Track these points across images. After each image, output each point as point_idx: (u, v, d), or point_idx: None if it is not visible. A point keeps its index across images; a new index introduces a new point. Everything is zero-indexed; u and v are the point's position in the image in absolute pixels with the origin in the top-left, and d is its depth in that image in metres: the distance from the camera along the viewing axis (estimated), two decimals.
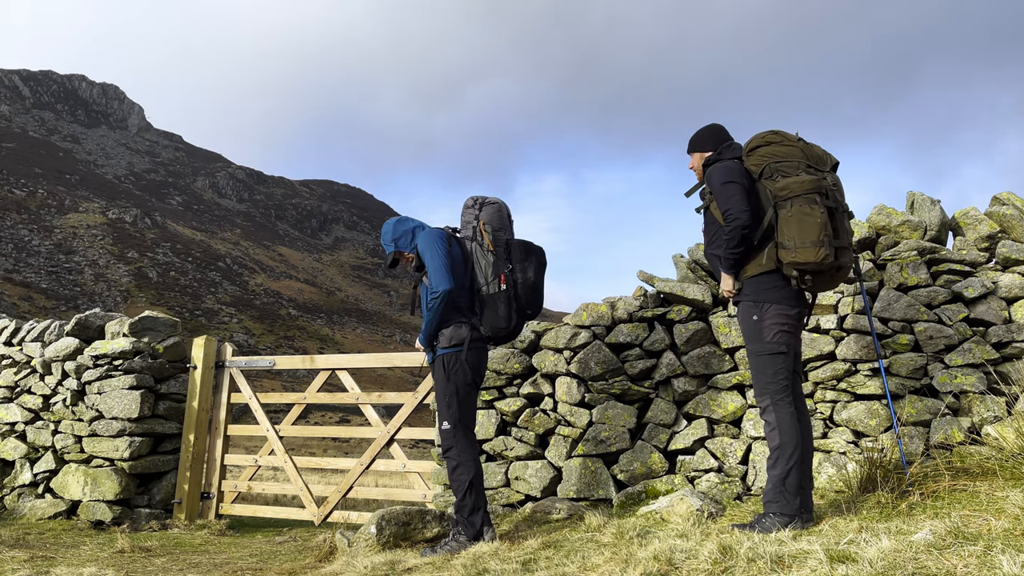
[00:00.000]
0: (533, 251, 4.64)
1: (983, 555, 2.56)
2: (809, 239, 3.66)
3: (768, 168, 3.84)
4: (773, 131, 3.97)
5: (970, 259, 5.10)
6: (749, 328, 3.91)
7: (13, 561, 4.67)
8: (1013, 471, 3.78)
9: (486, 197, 4.76)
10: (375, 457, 6.12)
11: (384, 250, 4.79)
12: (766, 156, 3.88)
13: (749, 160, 3.95)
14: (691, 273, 5.62)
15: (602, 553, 3.50)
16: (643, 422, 5.44)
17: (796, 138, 3.92)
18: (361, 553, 4.37)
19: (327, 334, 75.83)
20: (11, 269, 64.89)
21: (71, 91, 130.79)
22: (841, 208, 3.83)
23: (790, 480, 3.66)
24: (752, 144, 3.98)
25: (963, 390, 4.68)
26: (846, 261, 3.82)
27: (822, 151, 3.93)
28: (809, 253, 3.66)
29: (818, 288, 3.97)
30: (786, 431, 3.74)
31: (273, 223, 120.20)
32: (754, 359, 3.91)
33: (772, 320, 3.82)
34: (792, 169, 3.80)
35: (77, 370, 6.92)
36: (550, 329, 5.74)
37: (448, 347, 4.47)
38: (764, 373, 3.85)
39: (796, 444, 3.70)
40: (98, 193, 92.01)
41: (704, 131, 4.24)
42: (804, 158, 3.83)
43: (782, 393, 3.79)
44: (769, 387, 3.82)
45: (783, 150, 3.86)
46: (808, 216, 3.68)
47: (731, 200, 3.81)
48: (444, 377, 4.46)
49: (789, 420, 3.75)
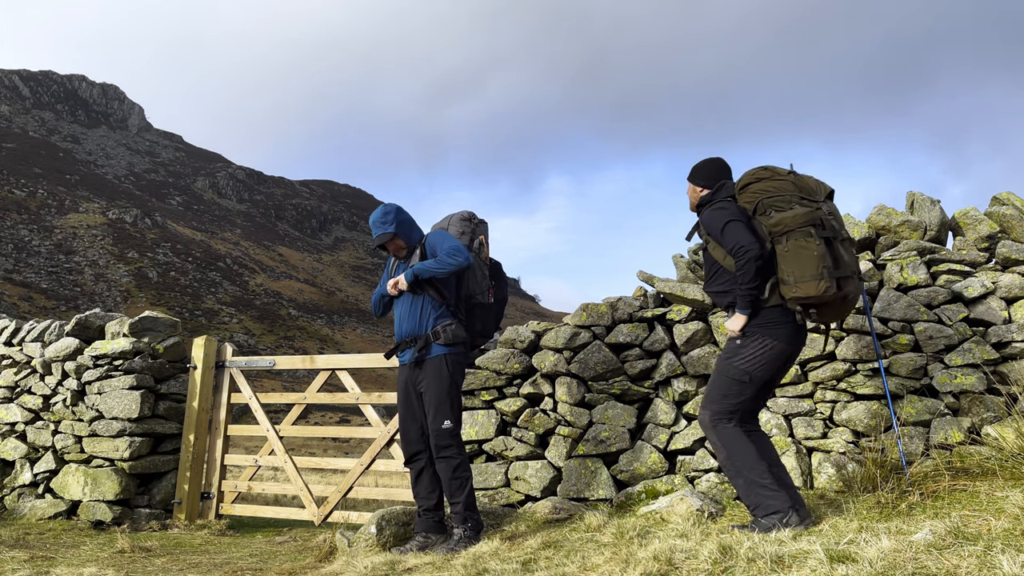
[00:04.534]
0: (504, 275, 5.12)
1: (983, 555, 2.56)
2: (808, 273, 3.61)
3: (761, 204, 3.82)
4: (763, 167, 3.96)
5: (970, 259, 5.10)
6: (728, 346, 3.91)
7: (13, 561, 4.67)
8: (1013, 471, 3.78)
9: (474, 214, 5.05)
10: (375, 457, 6.12)
11: (374, 231, 4.68)
12: (758, 192, 3.86)
13: (741, 198, 3.94)
14: (691, 273, 5.62)
15: (602, 553, 3.50)
16: (643, 422, 5.45)
17: (787, 172, 3.89)
18: (361, 553, 4.38)
19: (327, 334, 75.80)
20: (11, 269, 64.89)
21: (71, 91, 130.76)
22: (840, 237, 3.76)
23: (755, 484, 3.65)
24: (743, 182, 3.97)
25: (963, 390, 4.69)
26: (851, 290, 3.74)
27: (815, 182, 3.89)
28: (810, 287, 3.61)
29: (827, 319, 3.93)
30: (730, 444, 3.74)
31: (273, 223, 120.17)
32: (716, 372, 3.92)
33: (754, 350, 3.78)
34: (785, 203, 3.77)
35: (77, 370, 6.92)
36: (550, 329, 5.74)
37: (449, 345, 4.49)
38: (718, 389, 3.86)
39: (743, 451, 3.69)
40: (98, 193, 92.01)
41: (706, 165, 4.21)
42: (796, 191, 3.80)
43: (724, 414, 3.80)
44: (714, 404, 3.83)
45: (774, 185, 3.84)
46: (804, 249, 3.64)
47: (738, 235, 3.76)
48: (447, 375, 4.47)
49: (727, 434, 3.75)
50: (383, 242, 4.66)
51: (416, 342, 4.51)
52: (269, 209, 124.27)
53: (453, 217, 4.97)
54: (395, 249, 4.72)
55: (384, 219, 4.65)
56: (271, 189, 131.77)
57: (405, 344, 4.57)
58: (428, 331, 4.51)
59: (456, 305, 4.63)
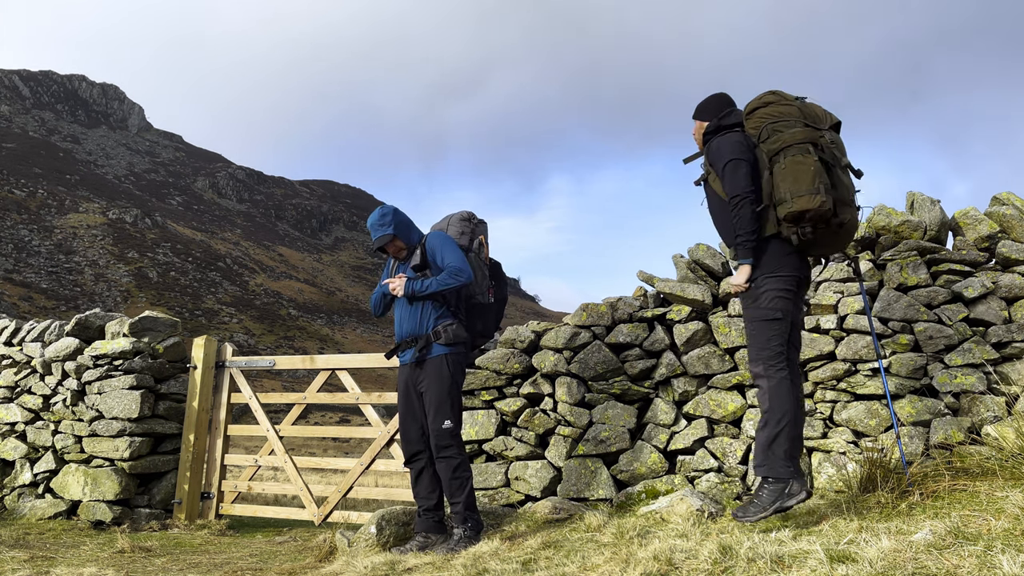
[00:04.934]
0: (504, 275, 5.11)
1: (983, 555, 2.56)
2: (804, 187, 3.54)
3: (765, 129, 3.77)
4: (771, 91, 3.89)
5: (970, 259, 5.10)
6: (746, 296, 3.81)
7: (13, 561, 4.67)
8: (1013, 471, 3.78)
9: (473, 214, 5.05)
10: (375, 457, 6.12)
11: (373, 234, 4.66)
12: (764, 117, 3.81)
13: (748, 123, 3.88)
14: (691, 273, 5.62)
15: (602, 553, 3.50)
16: (643, 422, 5.45)
17: (794, 98, 3.83)
18: (361, 553, 4.38)
19: (327, 334, 75.80)
20: (11, 269, 64.89)
21: (71, 91, 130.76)
22: (840, 164, 3.69)
23: (778, 443, 3.58)
24: (750, 107, 3.91)
25: (963, 390, 4.69)
26: (848, 217, 3.65)
27: (822, 110, 3.82)
28: (805, 201, 3.52)
29: (823, 248, 3.82)
30: (776, 397, 3.64)
31: (273, 223, 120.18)
32: (749, 325, 3.82)
33: (769, 286, 3.71)
34: (788, 127, 3.72)
35: (77, 370, 6.92)
36: (550, 329, 5.74)
37: (450, 345, 4.50)
38: (758, 339, 3.74)
39: (786, 410, 3.61)
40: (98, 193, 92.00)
41: (710, 100, 4.15)
42: (801, 116, 3.74)
43: (775, 359, 3.67)
44: (763, 353, 3.71)
45: (780, 110, 3.78)
46: (800, 164, 3.58)
47: (736, 179, 3.71)
48: (448, 375, 4.47)
49: (780, 387, 3.65)
50: (382, 244, 4.64)
51: (417, 342, 4.51)
52: (269, 209, 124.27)
53: (452, 217, 4.97)
54: (395, 251, 4.72)
55: (382, 221, 4.64)
56: (271, 189, 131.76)
57: (406, 344, 4.57)
58: (429, 331, 4.51)
59: (456, 305, 4.64)
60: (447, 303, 4.57)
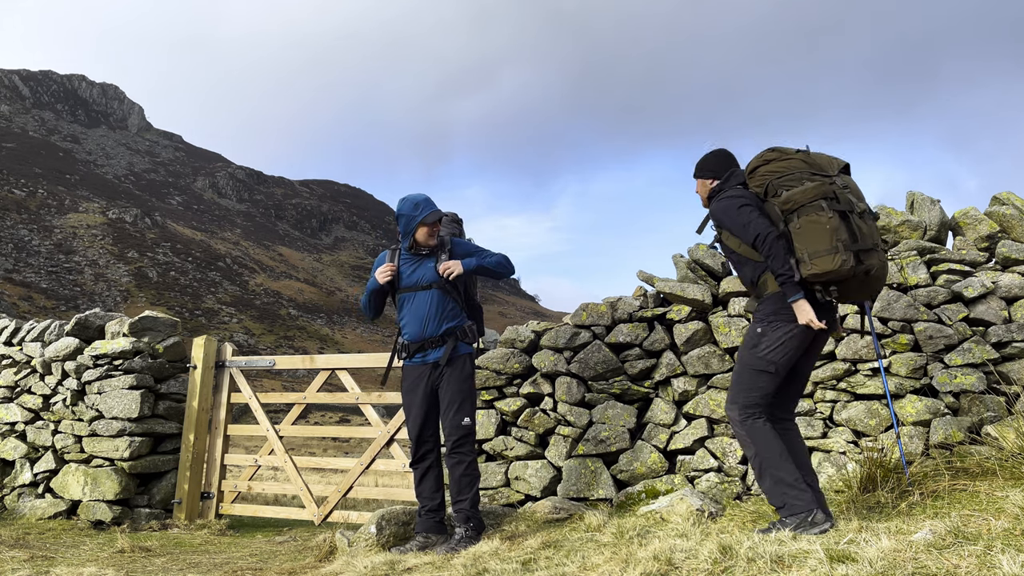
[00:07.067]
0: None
1: (983, 555, 2.56)
2: (822, 247, 3.46)
3: (771, 186, 3.71)
4: (770, 148, 3.86)
5: (970, 259, 5.10)
6: (749, 336, 3.77)
7: (13, 561, 4.67)
8: (1013, 471, 3.78)
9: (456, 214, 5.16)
10: (375, 457, 6.11)
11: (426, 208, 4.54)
12: (766, 175, 3.76)
13: (752, 182, 3.84)
14: (691, 273, 5.62)
15: (602, 553, 3.50)
16: (643, 422, 5.45)
17: (795, 151, 3.77)
18: (361, 553, 4.37)
19: (327, 334, 75.80)
20: (11, 269, 64.88)
21: (71, 91, 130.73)
22: (856, 210, 3.57)
23: (781, 482, 3.52)
24: (751, 166, 3.87)
25: (963, 390, 4.68)
26: (874, 263, 3.56)
27: (827, 158, 3.75)
28: (825, 262, 3.45)
29: (851, 297, 3.74)
30: (758, 440, 3.60)
31: (273, 223, 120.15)
32: (739, 365, 3.79)
33: (774, 338, 3.63)
34: (795, 181, 3.64)
35: (77, 370, 6.92)
36: (550, 329, 5.74)
37: (471, 344, 4.61)
38: (743, 383, 3.70)
39: (772, 447, 3.56)
40: (98, 193, 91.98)
41: (710, 157, 4.10)
42: (807, 168, 3.67)
43: (752, 408, 3.65)
44: (740, 398, 3.68)
45: (783, 165, 3.72)
46: (816, 223, 3.50)
47: (751, 221, 3.66)
48: (469, 373, 4.55)
49: (757, 430, 3.61)
50: (437, 219, 4.55)
51: (445, 341, 4.52)
52: (269, 209, 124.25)
53: (444, 219, 4.97)
54: (429, 236, 4.58)
55: (430, 202, 4.59)
56: (271, 189, 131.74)
57: (431, 343, 4.53)
58: (457, 330, 4.56)
59: (467, 306, 4.74)
60: (462, 304, 4.65)
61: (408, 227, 4.55)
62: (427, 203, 4.56)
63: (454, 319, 4.56)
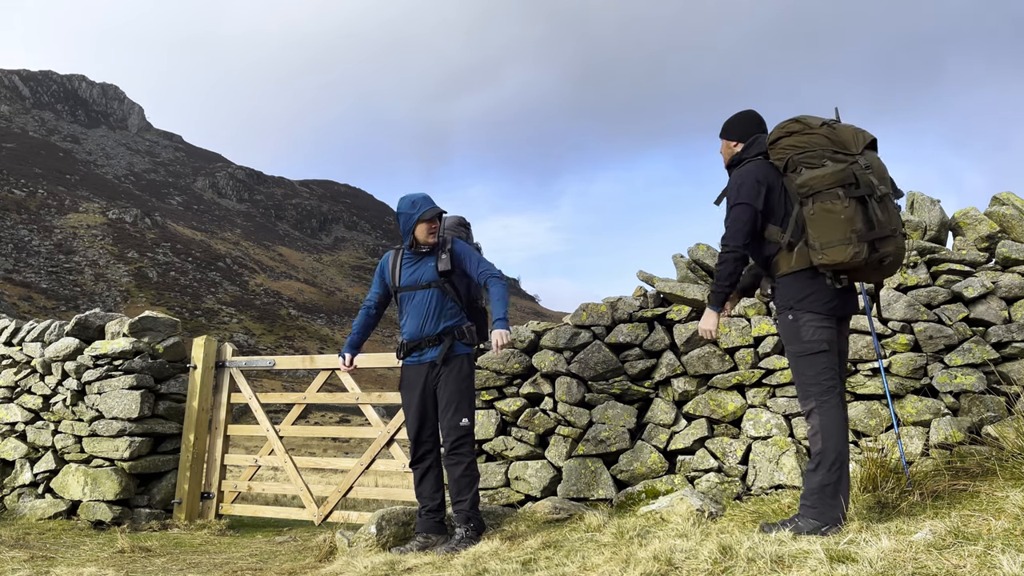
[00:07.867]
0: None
1: (983, 555, 2.56)
2: (835, 238, 3.37)
3: (791, 161, 3.57)
4: (794, 119, 3.65)
5: (970, 259, 5.10)
6: (786, 328, 3.64)
7: (13, 561, 4.67)
8: (1013, 471, 3.78)
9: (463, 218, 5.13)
10: (375, 457, 6.11)
11: (425, 205, 4.57)
12: (787, 148, 3.58)
13: (773, 154, 3.69)
14: (691, 273, 5.62)
15: (602, 553, 3.50)
16: (643, 422, 5.44)
17: (820, 123, 3.57)
18: (361, 553, 4.37)
19: (327, 334, 75.77)
20: (11, 269, 64.86)
21: (71, 91, 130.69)
22: (876, 194, 3.41)
23: (831, 489, 3.43)
24: (773, 136, 3.71)
25: (963, 390, 4.68)
26: (890, 250, 3.43)
27: (852, 132, 3.54)
28: (837, 253, 3.38)
29: (866, 280, 3.68)
30: (830, 437, 3.45)
31: (273, 223, 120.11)
32: (794, 360, 3.64)
33: (808, 318, 3.55)
34: (816, 159, 3.49)
35: (77, 370, 6.91)
36: (550, 329, 5.74)
37: (470, 345, 4.61)
38: (805, 375, 3.57)
39: (840, 451, 3.45)
40: (98, 193, 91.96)
41: (735, 119, 3.99)
42: (829, 144, 3.50)
43: (827, 395, 3.49)
44: (812, 389, 3.53)
45: (804, 139, 3.55)
46: (830, 213, 3.39)
47: (734, 228, 3.61)
48: (468, 374, 4.55)
49: (835, 425, 3.46)
50: (436, 215, 4.57)
51: (442, 340, 4.53)
52: (269, 209, 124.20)
53: (447, 222, 4.98)
54: (429, 234, 4.59)
55: (428, 200, 4.61)
56: (271, 189, 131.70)
57: (428, 342, 4.55)
58: (455, 330, 4.56)
59: (467, 308, 4.75)
60: (462, 305, 4.65)
61: (407, 225, 4.58)
62: (425, 200, 4.60)
63: (452, 319, 4.57)
